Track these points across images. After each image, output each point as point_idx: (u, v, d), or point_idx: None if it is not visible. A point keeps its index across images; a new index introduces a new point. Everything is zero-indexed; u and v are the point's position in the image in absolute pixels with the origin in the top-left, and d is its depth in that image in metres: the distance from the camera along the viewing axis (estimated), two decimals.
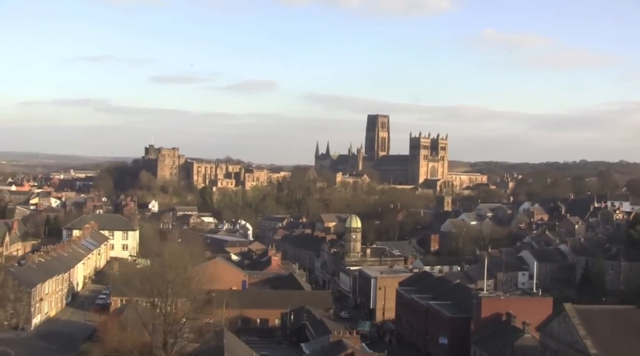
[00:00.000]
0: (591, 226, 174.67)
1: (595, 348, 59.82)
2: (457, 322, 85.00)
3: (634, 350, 60.36)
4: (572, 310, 64.14)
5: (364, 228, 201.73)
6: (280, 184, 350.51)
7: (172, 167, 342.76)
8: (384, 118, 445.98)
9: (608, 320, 64.05)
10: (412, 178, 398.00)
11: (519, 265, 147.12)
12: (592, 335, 61.26)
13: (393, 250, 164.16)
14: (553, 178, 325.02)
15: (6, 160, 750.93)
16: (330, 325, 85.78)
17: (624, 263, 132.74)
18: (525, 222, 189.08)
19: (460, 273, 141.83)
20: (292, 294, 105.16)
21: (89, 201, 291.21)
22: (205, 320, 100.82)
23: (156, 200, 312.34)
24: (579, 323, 62.30)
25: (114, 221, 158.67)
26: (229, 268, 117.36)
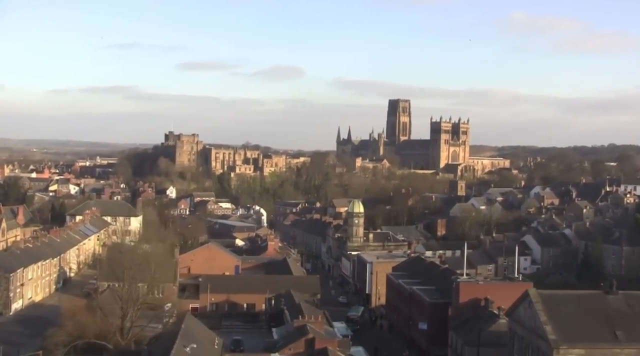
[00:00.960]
0: (600, 210, 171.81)
1: (555, 334, 58.62)
2: (436, 307, 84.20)
3: (594, 336, 59.03)
4: (535, 295, 62.93)
5: (373, 213, 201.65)
6: (299, 170, 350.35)
7: (191, 153, 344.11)
8: (405, 102, 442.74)
9: (572, 305, 62.68)
10: (433, 163, 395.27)
11: (521, 250, 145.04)
12: (554, 320, 60.04)
13: (397, 235, 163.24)
14: (571, 162, 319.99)
15: (37, 148, 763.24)
16: (309, 309, 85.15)
17: (625, 247, 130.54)
18: (535, 207, 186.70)
19: (460, 258, 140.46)
20: (280, 279, 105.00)
21: (107, 188, 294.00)
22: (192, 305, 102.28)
23: (174, 186, 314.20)
24: (541, 309, 61.10)
25: (117, 207, 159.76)
26: (221, 253, 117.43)
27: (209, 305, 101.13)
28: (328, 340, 63.90)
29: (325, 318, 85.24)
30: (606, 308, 62.17)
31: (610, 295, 63.89)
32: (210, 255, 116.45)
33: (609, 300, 63.32)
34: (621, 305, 62.77)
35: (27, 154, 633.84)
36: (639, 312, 62.13)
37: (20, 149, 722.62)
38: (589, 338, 58.86)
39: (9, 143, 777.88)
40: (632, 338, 59.00)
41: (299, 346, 64.69)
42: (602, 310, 61.88)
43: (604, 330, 59.74)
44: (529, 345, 63.21)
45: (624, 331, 59.55)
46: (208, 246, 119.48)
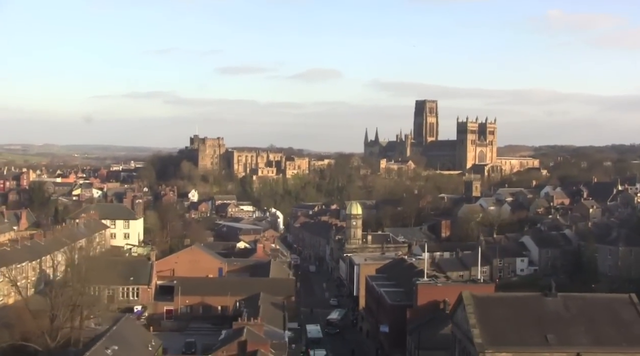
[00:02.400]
0: (609, 210, 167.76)
1: (482, 338, 57.12)
2: (397, 310, 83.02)
3: (524, 339, 57.39)
4: (468, 298, 61.41)
5: (382, 215, 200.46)
6: (323, 172, 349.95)
7: (213, 156, 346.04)
8: (432, 103, 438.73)
9: (507, 308, 61.13)
10: (460, 163, 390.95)
11: (519, 251, 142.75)
12: (483, 323, 58.55)
13: (399, 236, 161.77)
14: (595, 160, 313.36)
15: (78, 153, 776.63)
16: (269, 311, 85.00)
17: (622, 248, 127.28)
18: (544, 207, 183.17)
19: (455, 259, 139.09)
20: (255, 281, 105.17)
21: (129, 192, 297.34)
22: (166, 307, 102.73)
23: (196, 189, 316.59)
24: (472, 312, 59.66)
25: (117, 210, 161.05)
26: (205, 256, 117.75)
27: (183, 307, 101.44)
28: (261, 343, 63.36)
29: (284, 320, 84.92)
30: (542, 311, 60.38)
31: (549, 298, 62.09)
32: (193, 258, 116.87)
33: (547, 303, 61.53)
34: (558, 307, 60.90)
35: (67, 159, 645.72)
36: (575, 315, 60.29)
37: (63, 154, 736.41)
38: (517, 342, 57.22)
39: (53, 149, 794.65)
40: (562, 342, 57.24)
41: (232, 348, 64.38)
42: (538, 312, 60.10)
43: (535, 333, 57.98)
44: (464, 349, 61.82)
45: (555, 334, 57.80)
46: (191, 249, 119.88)
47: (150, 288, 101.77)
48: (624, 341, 57.83)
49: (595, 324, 59.18)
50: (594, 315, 60.24)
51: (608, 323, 59.30)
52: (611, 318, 59.91)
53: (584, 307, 61.27)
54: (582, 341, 57.62)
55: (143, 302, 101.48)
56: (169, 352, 75.66)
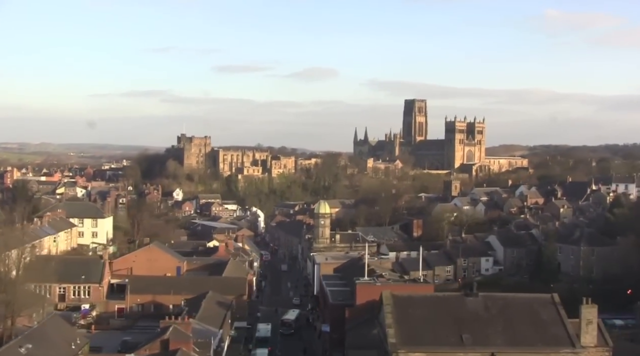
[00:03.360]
0: (580, 209, 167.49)
1: (396, 337, 57.12)
2: (337, 309, 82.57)
3: (439, 339, 57.34)
4: (388, 298, 61.34)
5: (357, 214, 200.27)
6: (309, 171, 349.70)
7: (199, 155, 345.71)
8: (421, 102, 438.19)
9: (426, 308, 61.04)
10: (448, 163, 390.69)
11: (485, 251, 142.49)
12: (400, 323, 58.56)
13: (368, 235, 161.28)
14: (579, 160, 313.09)
15: (74, 152, 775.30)
16: (212, 310, 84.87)
17: (583, 247, 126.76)
18: (517, 206, 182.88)
19: (419, 259, 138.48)
20: (207, 280, 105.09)
21: (113, 190, 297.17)
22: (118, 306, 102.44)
23: (181, 188, 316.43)
24: (389, 312, 59.70)
25: (85, 209, 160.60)
26: (163, 254, 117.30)
27: (135, 305, 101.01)
28: (183, 342, 63.12)
29: (226, 318, 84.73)
30: (461, 311, 60.27)
31: (470, 297, 61.89)
32: (151, 256, 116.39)
33: (467, 303, 61.42)
34: (478, 307, 60.78)
35: (63, 158, 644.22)
36: (495, 315, 60.16)
37: (58, 153, 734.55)
38: (432, 342, 57.18)
39: (49, 148, 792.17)
40: (477, 342, 57.18)
41: (154, 347, 64.24)
42: (457, 313, 60.01)
43: (451, 333, 57.92)
44: (384, 349, 61.58)
45: (471, 334, 57.71)
46: (149, 247, 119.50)
47: (102, 287, 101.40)
48: (539, 341, 57.76)
49: (513, 324, 59.05)
50: (514, 315, 60.09)
51: (526, 323, 59.18)
52: (530, 318, 59.78)
53: (504, 307, 61.11)
54: (497, 342, 57.53)
55: (94, 301, 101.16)
56: (104, 351, 75.35)
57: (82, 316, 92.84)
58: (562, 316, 59.89)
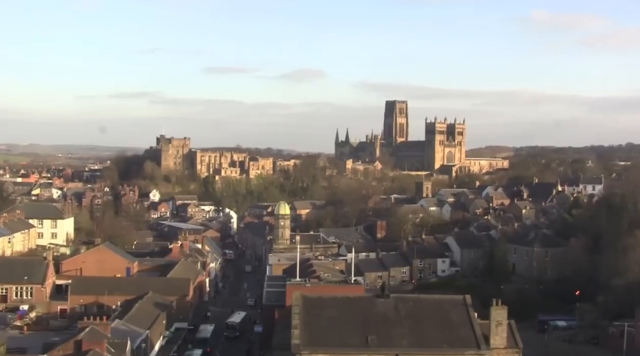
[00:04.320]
0: (543, 210, 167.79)
1: (300, 338, 56.64)
2: (268, 310, 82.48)
3: (343, 341, 56.86)
4: (297, 299, 60.85)
5: (322, 215, 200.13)
6: (287, 172, 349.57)
7: (177, 156, 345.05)
8: (402, 104, 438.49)
9: (335, 309, 60.38)
10: (428, 164, 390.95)
11: (442, 252, 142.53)
12: (307, 324, 58.09)
13: (330, 237, 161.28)
14: (552, 161, 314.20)
15: (62, 153, 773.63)
16: (146, 311, 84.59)
17: (537, 249, 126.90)
18: (482, 207, 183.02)
19: (375, 260, 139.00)
20: (151, 281, 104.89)
21: (89, 192, 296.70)
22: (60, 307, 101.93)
23: (158, 189, 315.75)
24: (297, 313, 59.13)
25: (45, 210, 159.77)
26: (113, 255, 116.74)
27: (78, 306, 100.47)
28: (96, 342, 62.74)
29: (159, 319, 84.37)
30: (370, 312, 59.81)
31: (381, 299, 61.51)
32: (101, 257, 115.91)
33: (377, 304, 60.91)
34: (388, 309, 60.33)
35: (50, 159, 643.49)
36: (404, 316, 59.75)
37: (47, 154, 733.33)
38: (336, 343, 56.69)
39: (38, 149, 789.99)
40: (382, 343, 56.77)
41: (68, 347, 63.79)
42: (366, 314, 59.53)
43: (357, 334, 57.44)
44: None
45: (377, 336, 57.25)
46: (99, 248, 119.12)
47: (44, 288, 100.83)
48: (445, 343, 57.42)
49: (421, 325, 58.71)
50: (423, 316, 59.70)
51: (434, 325, 58.84)
52: (439, 319, 59.44)
53: (414, 309, 60.72)
54: (403, 343, 57.16)
55: (37, 301, 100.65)
56: (28, 351, 74.89)
57: (18, 318, 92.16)
58: (472, 318, 59.59)
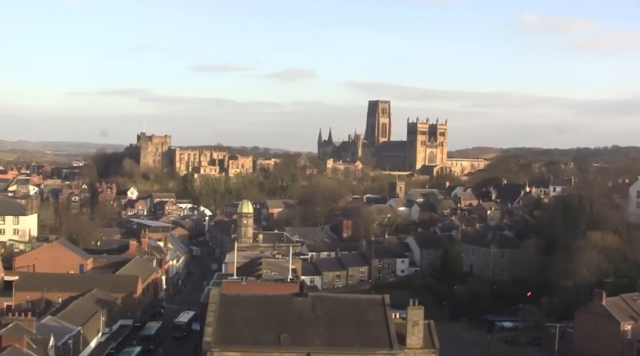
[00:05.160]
0: (509, 211, 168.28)
1: (213, 336, 56.67)
2: (205, 308, 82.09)
3: (257, 339, 56.89)
4: (215, 296, 60.96)
5: (291, 214, 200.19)
6: (267, 171, 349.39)
7: (156, 154, 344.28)
8: (385, 104, 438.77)
9: (253, 307, 60.32)
10: (410, 164, 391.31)
11: (402, 252, 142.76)
12: (222, 322, 58.13)
13: (294, 235, 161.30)
14: (529, 162, 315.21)
15: (51, 150, 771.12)
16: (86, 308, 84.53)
17: (493, 250, 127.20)
18: (450, 208, 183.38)
19: (334, 259, 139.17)
20: (98, 278, 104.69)
21: (66, 188, 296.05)
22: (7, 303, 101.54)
23: (137, 187, 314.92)
24: (212, 310, 59.14)
25: (7, 206, 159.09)
26: (66, 252, 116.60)
27: (24, 302, 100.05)
28: (16, 338, 62.66)
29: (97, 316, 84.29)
30: (287, 311, 59.83)
31: (299, 298, 61.53)
32: (55, 254, 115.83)
33: (295, 303, 60.94)
34: (305, 308, 60.37)
35: (38, 156, 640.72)
36: (320, 315, 59.78)
37: (35, 151, 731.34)
38: (249, 341, 56.67)
39: (26, 145, 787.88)
40: (295, 342, 56.79)
41: None
42: (282, 312, 59.55)
43: (271, 333, 57.45)
44: None
45: (290, 334, 57.28)
46: (52, 245, 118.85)
47: None
48: (358, 342, 57.48)
49: (336, 325, 58.72)
50: (339, 315, 59.69)
51: (350, 324, 58.86)
52: (355, 319, 59.48)
53: (331, 308, 60.74)
54: (316, 342, 57.18)
55: None
56: None
57: None
58: (388, 318, 59.61)
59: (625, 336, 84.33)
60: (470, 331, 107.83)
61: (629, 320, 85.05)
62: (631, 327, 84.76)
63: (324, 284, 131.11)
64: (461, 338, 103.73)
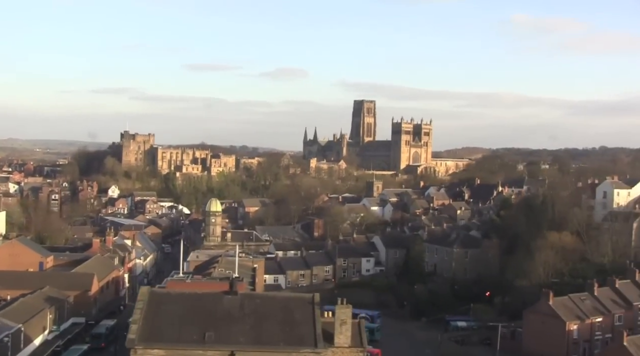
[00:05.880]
0: (479, 211, 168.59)
1: (137, 333, 56.50)
2: None
3: (182, 337, 56.73)
4: (143, 294, 60.70)
5: (264, 213, 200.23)
6: (250, 170, 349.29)
7: (138, 152, 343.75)
8: (370, 103, 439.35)
9: (181, 305, 60.23)
10: (394, 164, 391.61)
11: (368, 251, 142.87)
12: (148, 320, 57.88)
13: (263, 234, 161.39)
14: (507, 163, 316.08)
15: (41, 148, 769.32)
16: (30, 305, 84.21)
17: (456, 249, 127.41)
18: (423, 207, 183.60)
19: (299, 258, 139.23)
20: (51, 275, 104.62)
21: (46, 186, 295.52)
22: None
23: (118, 185, 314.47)
24: (139, 308, 58.88)
25: None
26: (26, 249, 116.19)
27: None
28: None
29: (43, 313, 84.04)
30: (215, 309, 59.70)
31: (229, 296, 61.46)
32: (13, 251, 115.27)
33: (224, 301, 60.82)
34: (233, 306, 60.26)
35: (27, 154, 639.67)
36: (247, 314, 59.69)
37: (24, 149, 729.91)
38: (172, 339, 56.54)
39: (16, 143, 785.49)
40: (220, 340, 56.64)
41: None
42: (210, 310, 59.42)
43: (197, 331, 57.27)
44: None
45: (216, 332, 57.19)
46: (12, 242, 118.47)
47: None
48: (282, 341, 57.41)
49: (263, 323, 58.64)
50: (267, 314, 59.63)
51: (276, 323, 58.80)
52: (283, 317, 59.42)
53: (259, 306, 60.68)
54: (240, 340, 57.07)
55: None
56: None
57: None
58: (315, 317, 59.53)
59: (571, 336, 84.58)
60: (427, 330, 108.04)
61: (576, 319, 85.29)
62: (577, 327, 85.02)
63: (287, 283, 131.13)
64: (417, 337, 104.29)
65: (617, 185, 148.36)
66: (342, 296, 70.57)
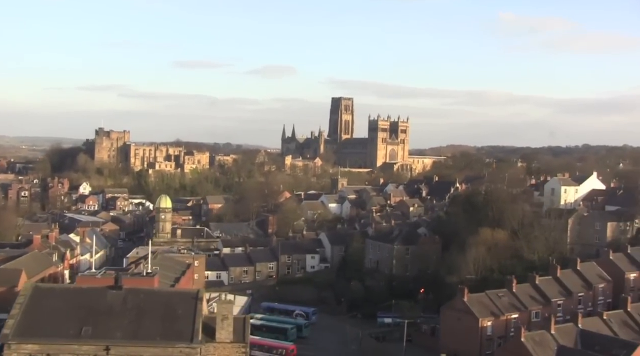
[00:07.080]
0: (432, 208, 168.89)
1: (12, 328, 56.49)
2: None
3: (58, 331, 56.75)
4: (27, 289, 61.09)
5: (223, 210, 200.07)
6: (224, 167, 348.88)
7: (110, 149, 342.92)
8: (348, 101, 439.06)
9: (64, 300, 60.34)
10: (370, 161, 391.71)
11: (313, 248, 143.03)
12: (28, 314, 58.17)
13: (215, 231, 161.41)
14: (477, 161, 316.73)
15: (26, 145, 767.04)
16: None
17: (397, 246, 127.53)
18: (380, 204, 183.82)
19: (244, 255, 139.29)
20: None
21: (15, 183, 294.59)
22: None
23: (90, 182, 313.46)
24: (20, 302, 59.27)
25: None
26: None
27: None
28: None
29: None
30: (97, 304, 59.57)
31: (113, 291, 61.44)
32: None
33: (107, 296, 60.76)
34: (116, 301, 60.13)
35: (12, 151, 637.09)
36: (129, 308, 59.63)
37: (11, 146, 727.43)
38: (48, 334, 56.52)
39: (3, 140, 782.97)
40: (96, 335, 56.59)
41: None
42: (92, 305, 59.29)
43: (75, 325, 57.28)
44: None
45: (94, 327, 57.18)
46: None
47: None
48: (159, 335, 57.36)
49: (143, 318, 58.60)
50: (149, 309, 59.55)
51: (157, 318, 58.73)
52: (164, 312, 59.36)
53: (143, 301, 60.54)
54: (117, 335, 57.02)
55: None
56: None
57: None
58: (197, 312, 59.58)
59: (485, 332, 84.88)
60: (360, 326, 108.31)
61: (490, 316, 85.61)
62: (491, 323, 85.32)
63: (230, 279, 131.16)
64: (347, 333, 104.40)
65: (565, 183, 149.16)
66: (283, 293, 71.27)
